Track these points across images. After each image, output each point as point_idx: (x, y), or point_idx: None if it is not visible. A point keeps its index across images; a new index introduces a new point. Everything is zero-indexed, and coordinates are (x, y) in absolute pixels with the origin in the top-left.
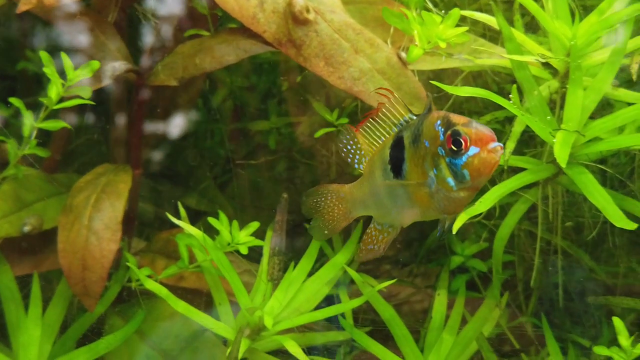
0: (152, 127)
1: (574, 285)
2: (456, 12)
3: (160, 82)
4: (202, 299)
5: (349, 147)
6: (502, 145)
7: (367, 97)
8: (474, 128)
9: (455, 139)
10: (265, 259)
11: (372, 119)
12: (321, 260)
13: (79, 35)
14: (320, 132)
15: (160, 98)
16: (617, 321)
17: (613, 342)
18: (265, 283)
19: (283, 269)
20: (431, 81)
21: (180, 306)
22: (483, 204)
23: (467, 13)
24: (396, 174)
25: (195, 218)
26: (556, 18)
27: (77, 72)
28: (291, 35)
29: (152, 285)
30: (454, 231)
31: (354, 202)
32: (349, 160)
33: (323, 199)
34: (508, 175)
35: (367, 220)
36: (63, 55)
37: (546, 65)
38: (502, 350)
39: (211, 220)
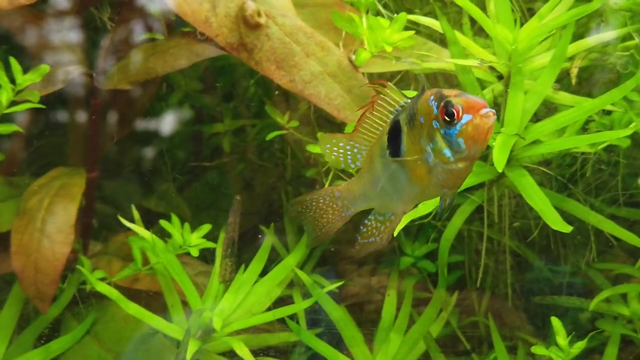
0: (109, 129)
1: (526, 284)
2: (402, 17)
3: (113, 85)
4: (162, 301)
5: (335, 154)
6: (494, 111)
7: (318, 100)
8: (465, 97)
9: (447, 109)
10: (217, 261)
11: (369, 113)
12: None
13: (34, 39)
14: (271, 135)
15: (116, 101)
16: (555, 321)
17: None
18: (217, 285)
19: (235, 271)
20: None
21: (132, 308)
22: (426, 206)
23: (413, 17)
24: (395, 157)
25: (155, 219)
26: (498, 22)
27: (25, 77)
28: (243, 39)
29: (103, 287)
30: (395, 234)
31: (354, 198)
32: (342, 164)
33: (311, 205)
34: None
35: None
36: (12, 60)
37: (492, 68)
38: (457, 350)
39: (163, 223)
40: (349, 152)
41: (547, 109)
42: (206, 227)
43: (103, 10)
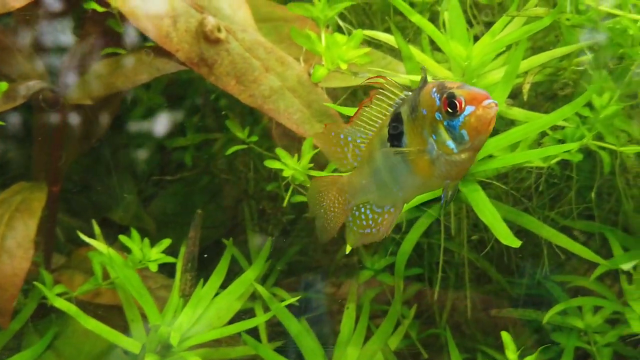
0: (72, 144)
1: (485, 296)
2: (359, 34)
3: (75, 100)
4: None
5: (333, 149)
6: (496, 102)
7: (277, 115)
8: (468, 89)
9: (450, 101)
10: (177, 275)
11: (366, 106)
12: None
13: None
14: (231, 150)
15: (79, 115)
16: (505, 335)
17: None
18: (177, 299)
19: (195, 285)
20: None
21: (90, 323)
22: None
23: (369, 33)
24: (395, 151)
25: (120, 232)
26: (452, 39)
27: None
28: (203, 54)
29: (60, 303)
30: (347, 251)
31: (354, 191)
32: (341, 161)
33: (325, 192)
34: None
35: None
36: None
37: None
38: None
39: (122, 238)
40: (346, 148)
41: (506, 124)
42: (166, 242)
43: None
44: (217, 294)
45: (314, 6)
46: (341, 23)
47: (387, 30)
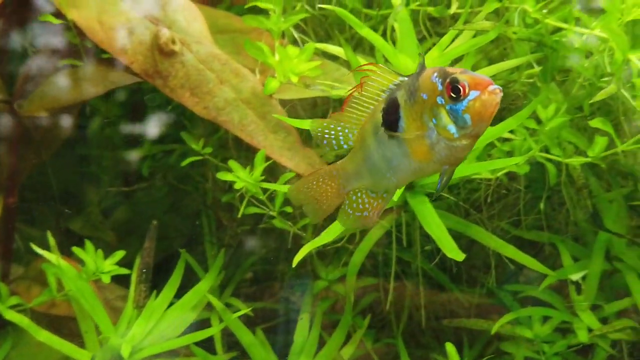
0: (29, 155)
1: (441, 306)
2: (310, 47)
3: (30, 112)
4: None
5: (327, 136)
6: (500, 88)
7: (232, 126)
8: (471, 74)
9: (454, 85)
10: (132, 287)
11: (357, 93)
12: None
13: None
14: (185, 162)
15: (36, 127)
16: (449, 346)
17: None
18: (131, 310)
19: (150, 296)
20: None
21: (42, 335)
22: (328, 234)
23: (320, 46)
24: (391, 135)
25: (81, 243)
26: (401, 52)
27: None
28: (158, 67)
29: (12, 315)
30: (294, 264)
31: (348, 177)
32: (335, 146)
33: (313, 185)
34: None
35: None
36: None
37: None
38: None
39: (76, 250)
40: (340, 134)
41: None
42: (119, 254)
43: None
44: (171, 305)
45: (269, 18)
46: (296, 35)
47: (345, 41)
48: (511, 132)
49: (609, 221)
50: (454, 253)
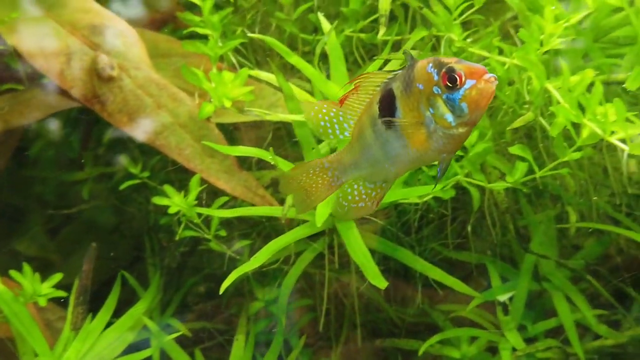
0: None
1: (378, 325)
2: (244, 72)
3: None
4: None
5: (322, 123)
6: (495, 76)
7: (169, 150)
8: (466, 64)
9: (450, 75)
10: (70, 309)
11: (352, 93)
12: None
13: None
14: (124, 185)
15: None
16: None
17: None
18: (68, 333)
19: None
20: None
21: None
22: (257, 259)
23: (253, 72)
24: (388, 126)
25: (27, 263)
26: (332, 80)
27: None
28: (96, 92)
29: None
30: (221, 291)
31: (344, 168)
32: (331, 135)
33: (302, 177)
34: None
35: None
36: None
37: None
38: None
39: (13, 273)
40: (335, 122)
41: None
42: (58, 276)
43: None
44: (108, 326)
45: (206, 44)
46: (234, 60)
47: (286, 65)
48: None
49: (536, 243)
50: (377, 281)
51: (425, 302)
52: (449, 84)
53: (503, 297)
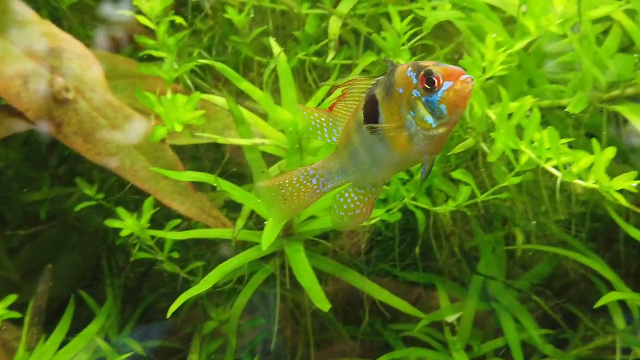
0: None
1: (330, 345)
2: (196, 96)
3: None
4: None
5: (312, 123)
6: (472, 77)
7: (123, 172)
8: (444, 66)
9: (428, 78)
10: (24, 329)
11: (339, 100)
12: None
13: None
14: (79, 206)
15: None
16: None
17: None
18: (23, 353)
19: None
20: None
21: None
22: (206, 282)
23: (205, 96)
24: (372, 131)
25: None
26: (283, 105)
27: None
28: (52, 114)
29: None
30: (168, 315)
31: (331, 174)
32: (319, 137)
33: (283, 185)
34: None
35: None
36: None
37: None
38: None
39: None
40: (325, 127)
41: None
42: (12, 297)
43: None
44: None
45: (160, 67)
46: (189, 82)
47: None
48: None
49: (483, 264)
50: (321, 303)
51: (378, 321)
52: (427, 87)
53: (451, 318)
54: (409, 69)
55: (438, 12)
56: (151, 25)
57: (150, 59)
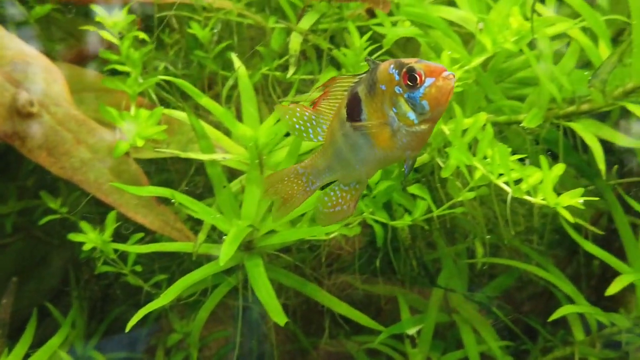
0: None
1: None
2: (158, 111)
3: None
4: None
5: (297, 126)
6: (454, 74)
7: (87, 186)
8: (425, 63)
9: (410, 74)
10: None
11: (324, 99)
12: None
13: None
14: (43, 220)
15: None
16: None
17: None
18: None
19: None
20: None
21: None
22: (167, 296)
23: (167, 111)
24: (356, 128)
25: None
26: (244, 121)
27: None
28: (16, 128)
29: None
30: (127, 329)
31: (318, 172)
32: (305, 137)
33: (276, 183)
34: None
35: None
36: None
37: None
38: None
39: None
40: (309, 126)
41: None
42: None
43: None
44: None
45: (124, 81)
46: (154, 96)
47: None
48: None
49: (444, 276)
50: (278, 318)
51: (342, 332)
52: (409, 83)
53: (412, 331)
54: (392, 66)
55: (397, 28)
56: (115, 40)
57: (118, 72)
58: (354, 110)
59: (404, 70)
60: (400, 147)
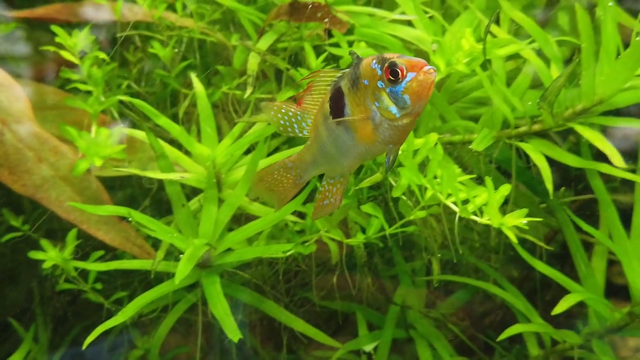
0: None
1: None
2: (118, 130)
3: None
4: None
5: (282, 122)
6: (434, 68)
7: (49, 203)
8: (407, 58)
9: (392, 69)
10: None
11: (307, 93)
12: None
13: None
14: (5, 238)
15: None
16: None
17: None
18: None
19: None
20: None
21: None
22: (124, 314)
23: (128, 131)
24: (339, 122)
25: None
26: (202, 141)
27: None
28: None
29: None
30: (84, 346)
31: (305, 166)
32: (290, 132)
33: (267, 177)
34: None
35: None
36: None
37: None
38: None
39: None
40: (294, 121)
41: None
42: None
43: None
44: None
45: (86, 99)
46: (116, 114)
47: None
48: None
49: (400, 293)
50: (233, 334)
51: (301, 347)
52: (391, 78)
53: (368, 348)
54: (374, 61)
55: (352, 49)
56: (75, 60)
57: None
58: (337, 104)
59: (386, 65)
60: (382, 141)
